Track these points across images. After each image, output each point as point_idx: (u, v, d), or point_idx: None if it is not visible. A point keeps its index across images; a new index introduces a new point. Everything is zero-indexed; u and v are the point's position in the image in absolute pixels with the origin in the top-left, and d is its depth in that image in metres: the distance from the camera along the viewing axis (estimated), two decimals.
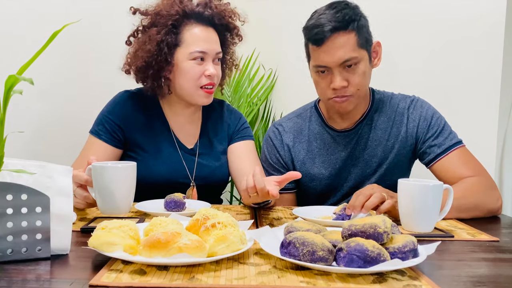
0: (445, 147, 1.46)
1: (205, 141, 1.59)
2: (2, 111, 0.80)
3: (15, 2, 1.96)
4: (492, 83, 1.90)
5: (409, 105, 1.55)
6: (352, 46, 1.39)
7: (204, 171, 1.54)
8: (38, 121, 2.02)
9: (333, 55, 1.39)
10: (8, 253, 0.83)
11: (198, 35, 1.46)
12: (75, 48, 2.03)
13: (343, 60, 1.38)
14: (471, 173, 1.41)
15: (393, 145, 1.52)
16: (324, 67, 1.41)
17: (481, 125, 1.91)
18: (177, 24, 1.46)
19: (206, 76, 1.46)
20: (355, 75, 1.41)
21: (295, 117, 1.64)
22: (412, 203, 1.13)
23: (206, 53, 1.46)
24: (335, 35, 1.38)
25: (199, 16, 1.48)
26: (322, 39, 1.38)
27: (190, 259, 0.80)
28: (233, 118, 1.63)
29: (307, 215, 1.24)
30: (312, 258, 0.80)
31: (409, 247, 0.85)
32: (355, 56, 1.39)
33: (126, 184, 1.17)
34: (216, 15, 1.49)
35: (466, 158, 1.45)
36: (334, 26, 1.38)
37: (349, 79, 1.41)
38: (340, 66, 1.39)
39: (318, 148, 1.57)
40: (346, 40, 1.38)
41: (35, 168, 0.88)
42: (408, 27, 2.03)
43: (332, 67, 1.40)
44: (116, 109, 1.52)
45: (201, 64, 1.46)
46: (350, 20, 1.39)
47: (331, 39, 1.38)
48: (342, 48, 1.38)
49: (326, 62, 1.40)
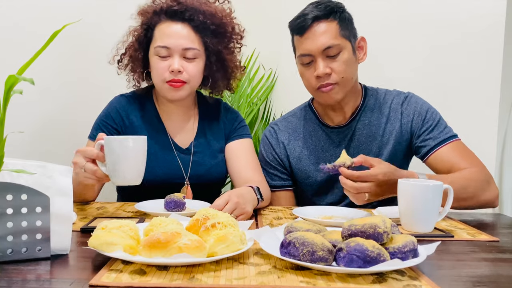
0: (440, 139, 1.47)
1: (201, 139, 1.59)
2: (2, 111, 0.80)
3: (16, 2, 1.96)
4: (492, 83, 1.90)
5: (403, 101, 1.55)
6: (334, 33, 1.43)
7: (200, 169, 1.54)
8: (38, 121, 2.02)
9: (315, 42, 1.43)
10: (8, 253, 0.83)
11: (164, 31, 1.47)
12: (75, 48, 2.03)
13: (325, 46, 1.42)
14: (467, 165, 1.41)
15: (387, 140, 1.53)
16: (307, 56, 1.45)
17: (481, 125, 1.91)
18: (151, 21, 1.49)
19: (170, 72, 1.44)
20: (338, 62, 1.44)
21: (290, 116, 1.67)
22: (412, 203, 1.13)
23: (169, 48, 1.45)
24: (316, 22, 1.43)
25: (169, 11, 1.47)
26: (304, 27, 1.44)
27: (190, 259, 0.80)
28: (229, 116, 1.64)
29: (307, 215, 1.24)
30: (312, 258, 0.80)
31: (409, 247, 0.85)
32: (337, 43, 1.43)
33: (139, 154, 1.21)
34: (187, 10, 1.46)
35: (462, 151, 1.45)
36: (316, 15, 1.43)
37: (332, 67, 1.44)
38: (322, 53, 1.43)
39: (313, 145, 1.59)
40: (328, 27, 1.43)
41: (35, 168, 0.88)
42: (408, 26, 2.03)
43: (315, 55, 1.44)
44: (112, 113, 1.54)
45: (166, 59, 1.45)
46: (332, 11, 1.45)
47: (313, 26, 1.43)
48: (323, 35, 1.43)
49: (309, 49, 1.44)
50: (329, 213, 1.31)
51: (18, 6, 1.97)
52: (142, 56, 1.52)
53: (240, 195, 1.23)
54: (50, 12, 1.98)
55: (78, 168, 1.20)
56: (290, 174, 1.62)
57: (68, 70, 2.05)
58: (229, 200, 1.19)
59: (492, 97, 1.90)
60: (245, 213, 1.22)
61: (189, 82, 1.47)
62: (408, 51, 2.04)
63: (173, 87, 1.46)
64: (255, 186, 1.35)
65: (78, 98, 2.06)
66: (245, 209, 1.22)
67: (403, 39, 2.03)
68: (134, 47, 1.52)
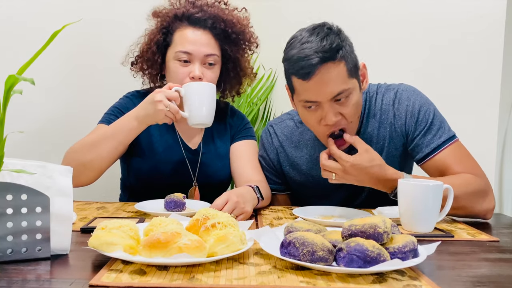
0: (433, 146, 1.36)
1: (209, 141, 1.60)
2: (2, 111, 0.80)
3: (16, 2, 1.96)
4: (492, 83, 1.90)
5: (393, 99, 1.43)
6: (343, 77, 1.25)
7: (208, 170, 1.56)
8: (38, 121, 2.02)
9: (323, 90, 1.25)
10: (8, 253, 0.83)
11: (186, 36, 1.47)
12: (76, 48, 2.03)
13: (334, 94, 1.25)
14: (464, 172, 1.33)
15: (382, 147, 1.44)
16: (312, 102, 1.29)
17: (481, 125, 1.91)
18: (171, 25, 1.49)
19: (191, 78, 1.45)
20: (348, 107, 1.29)
21: (287, 119, 1.59)
22: (412, 203, 1.13)
23: (191, 54, 1.45)
24: (323, 67, 1.22)
25: (191, 18, 1.48)
26: (309, 73, 1.23)
27: (190, 259, 0.80)
28: (235, 119, 1.65)
29: (307, 215, 1.24)
30: (312, 258, 0.80)
31: (409, 247, 0.85)
32: (347, 88, 1.26)
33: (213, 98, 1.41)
34: (210, 18, 1.48)
35: (457, 156, 1.36)
36: (321, 57, 1.22)
37: (342, 112, 1.29)
38: (331, 100, 1.27)
39: (308, 154, 1.51)
40: (336, 72, 1.24)
41: (35, 168, 0.88)
42: (408, 26, 2.03)
43: (323, 102, 1.27)
44: (127, 104, 1.54)
45: (187, 65, 1.46)
46: (338, 48, 1.23)
47: (319, 72, 1.22)
48: (332, 82, 1.24)
49: (316, 97, 1.26)
50: (329, 213, 1.31)
51: (18, 6, 1.96)
52: (160, 60, 1.53)
53: (240, 195, 1.23)
54: (50, 12, 1.98)
55: (163, 105, 1.30)
56: (283, 179, 1.58)
57: (68, 70, 2.05)
58: (229, 199, 1.19)
59: (492, 97, 1.91)
60: (245, 213, 1.22)
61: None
62: (408, 51, 2.04)
63: None
64: (255, 185, 1.36)
65: (78, 98, 2.06)
66: (244, 209, 1.22)
67: (402, 39, 2.03)
68: (152, 50, 1.51)
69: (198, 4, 1.50)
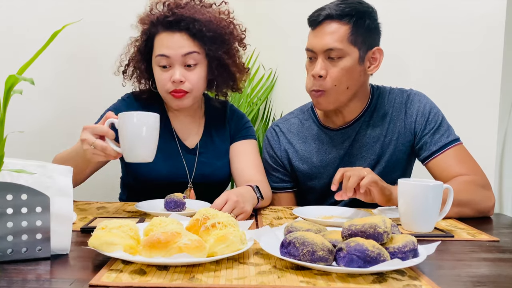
0: (441, 144, 1.44)
1: (207, 140, 1.59)
2: (2, 111, 0.80)
3: (16, 2, 1.96)
4: (492, 83, 1.90)
5: (406, 100, 1.53)
6: (341, 37, 1.39)
7: (205, 170, 1.55)
8: (39, 121, 2.02)
9: (320, 40, 1.40)
10: (8, 253, 0.83)
11: (162, 41, 1.46)
12: (76, 49, 2.03)
13: (327, 47, 1.39)
14: (466, 172, 1.40)
15: (390, 141, 1.51)
16: (310, 51, 1.43)
17: (481, 125, 1.91)
18: (150, 32, 1.49)
19: (172, 83, 1.45)
20: (335, 68, 1.40)
21: (291, 118, 1.65)
22: (412, 203, 1.13)
23: (169, 58, 1.44)
24: (328, 21, 1.40)
25: (164, 22, 1.47)
26: (315, 22, 1.41)
27: (190, 259, 0.80)
28: (235, 118, 1.64)
29: (307, 215, 1.24)
30: (312, 258, 0.80)
31: (409, 247, 0.85)
32: (341, 47, 1.39)
33: (154, 131, 1.20)
34: (182, 20, 1.45)
35: (461, 157, 1.43)
36: (329, 13, 1.39)
37: (329, 70, 1.40)
38: (324, 53, 1.40)
39: (316, 148, 1.57)
40: (337, 29, 1.39)
41: (35, 168, 0.88)
42: (408, 27, 2.03)
43: (317, 53, 1.41)
44: (122, 107, 1.54)
45: (168, 70, 1.45)
46: (349, 14, 1.39)
47: (323, 24, 1.40)
48: (330, 35, 1.39)
49: (313, 45, 1.42)
50: (329, 213, 1.31)
51: (18, 6, 1.97)
52: (145, 66, 1.53)
53: (239, 194, 1.23)
54: (50, 12, 1.98)
55: (87, 145, 1.17)
56: (291, 176, 1.62)
57: (68, 70, 2.05)
58: (228, 199, 1.19)
59: (492, 97, 1.90)
60: (244, 212, 1.22)
61: (191, 91, 1.47)
62: (408, 51, 2.04)
63: (175, 97, 1.46)
64: (254, 185, 1.36)
65: (78, 98, 2.06)
66: (244, 208, 1.22)
67: (402, 39, 2.03)
68: (137, 58, 1.53)
69: (171, 7, 1.49)
